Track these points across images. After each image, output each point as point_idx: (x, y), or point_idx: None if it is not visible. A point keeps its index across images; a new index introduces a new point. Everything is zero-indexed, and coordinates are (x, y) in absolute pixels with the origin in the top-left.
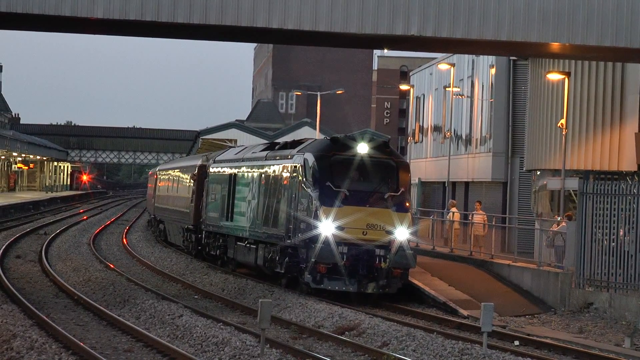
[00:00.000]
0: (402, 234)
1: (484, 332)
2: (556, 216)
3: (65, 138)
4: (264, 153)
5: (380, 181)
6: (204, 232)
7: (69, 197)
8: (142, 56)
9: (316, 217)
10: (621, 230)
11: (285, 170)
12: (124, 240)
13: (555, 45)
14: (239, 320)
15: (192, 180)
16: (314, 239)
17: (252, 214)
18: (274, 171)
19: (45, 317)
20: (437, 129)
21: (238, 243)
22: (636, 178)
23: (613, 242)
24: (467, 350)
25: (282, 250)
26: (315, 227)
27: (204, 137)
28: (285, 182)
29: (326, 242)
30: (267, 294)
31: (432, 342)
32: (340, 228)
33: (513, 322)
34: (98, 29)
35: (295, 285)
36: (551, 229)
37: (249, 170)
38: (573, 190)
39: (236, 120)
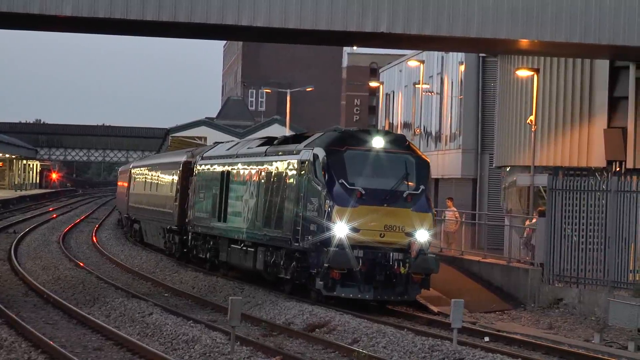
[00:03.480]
0: (422, 236)
1: (454, 328)
2: (534, 218)
3: (35, 136)
4: (263, 148)
5: (398, 178)
6: (190, 233)
7: (38, 196)
8: (110, 53)
9: (329, 218)
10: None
11: (290, 167)
12: (94, 238)
13: (524, 42)
14: (210, 318)
15: (175, 178)
16: (327, 242)
17: (250, 214)
18: (277, 168)
19: (14, 316)
20: (406, 125)
21: (232, 246)
22: (605, 174)
23: (582, 238)
24: (437, 347)
25: (287, 255)
26: (328, 229)
27: (173, 134)
28: (290, 179)
29: (340, 246)
30: (237, 292)
31: (402, 339)
32: (355, 230)
33: (483, 318)
34: (67, 27)
35: (299, 292)
36: (525, 226)
37: (246, 167)
38: (542, 187)
39: (206, 117)
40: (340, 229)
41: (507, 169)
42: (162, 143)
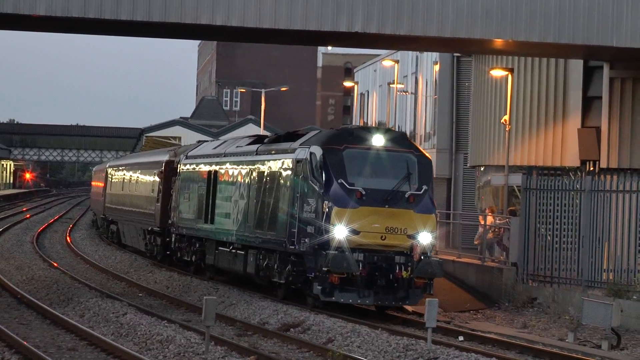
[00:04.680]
0: (425, 238)
1: (428, 327)
2: (487, 215)
3: (8, 136)
4: (254, 147)
5: (399, 178)
6: (173, 235)
7: (12, 196)
8: (84, 53)
9: (327, 220)
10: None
11: (284, 166)
12: (68, 238)
13: (498, 42)
14: (184, 318)
15: (157, 178)
16: (325, 244)
17: (240, 215)
18: (270, 167)
19: None
20: (381, 125)
21: (220, 248)
22: (579, 174)
23: (556, 237)
24: (412, 346)
25: (281, 258)
26: (327, 231)
27: (147, 134)
28: (284, 179)
29: (340, 249)
30: (211, 292)
31: (376, 338)
32: (355, 232)
33: (458, 317)
34: (41, 27)
35: (294, 297)
36: (481, 224)
37: (235, 166)
38: (517, 186)
39: (180, 117)
40: (340, 231)
41: (482, 169)
42: (137, 143)
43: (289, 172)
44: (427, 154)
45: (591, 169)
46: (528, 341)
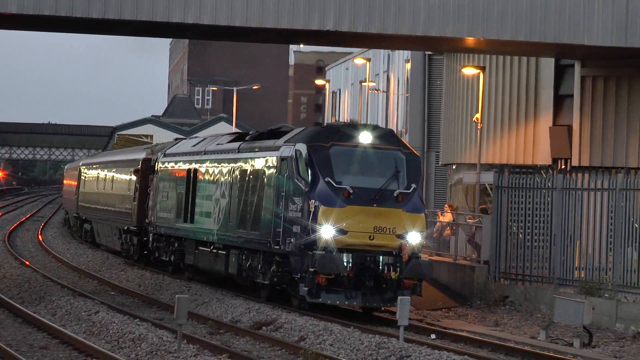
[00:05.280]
0: (414, 238)
1: (400, 325)
2: (446, 212)
3: None
4: (236, 144)
5: (388, 176)
6: (151, 234)
7: None
8: (55, 50)
9: (314, 219)
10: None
11: (268, 164)
12: (40, 236)
13: (470, 40)
14: (156, 316)
15: (134, 176)
16: (312, 245)
17: (221, 215)
18: (253, 165)
19: None
20: (354, 122)
21: (200, 248)
22: (550, 172)
23: (528, 235)
24: (384, 344)
25: (265, 258)
26: (314, 231)
27: (119, 132)
28: (268, 177)
29: (327, 249)
30: (184, 290)
31: (349, 337)
32: (342, 232)
33: (430, 315)
34: (12, 25)
35: (277, 298)
36: (440, 219)
37: (216, 164)
38: (488, 184)
39: (152, 115)
40: (327, 231)
41: (453, 167)
42: (108, 141)
43: (274, 170)
44: (415, 152)
45: (563, 167)
46: (500, 339)
